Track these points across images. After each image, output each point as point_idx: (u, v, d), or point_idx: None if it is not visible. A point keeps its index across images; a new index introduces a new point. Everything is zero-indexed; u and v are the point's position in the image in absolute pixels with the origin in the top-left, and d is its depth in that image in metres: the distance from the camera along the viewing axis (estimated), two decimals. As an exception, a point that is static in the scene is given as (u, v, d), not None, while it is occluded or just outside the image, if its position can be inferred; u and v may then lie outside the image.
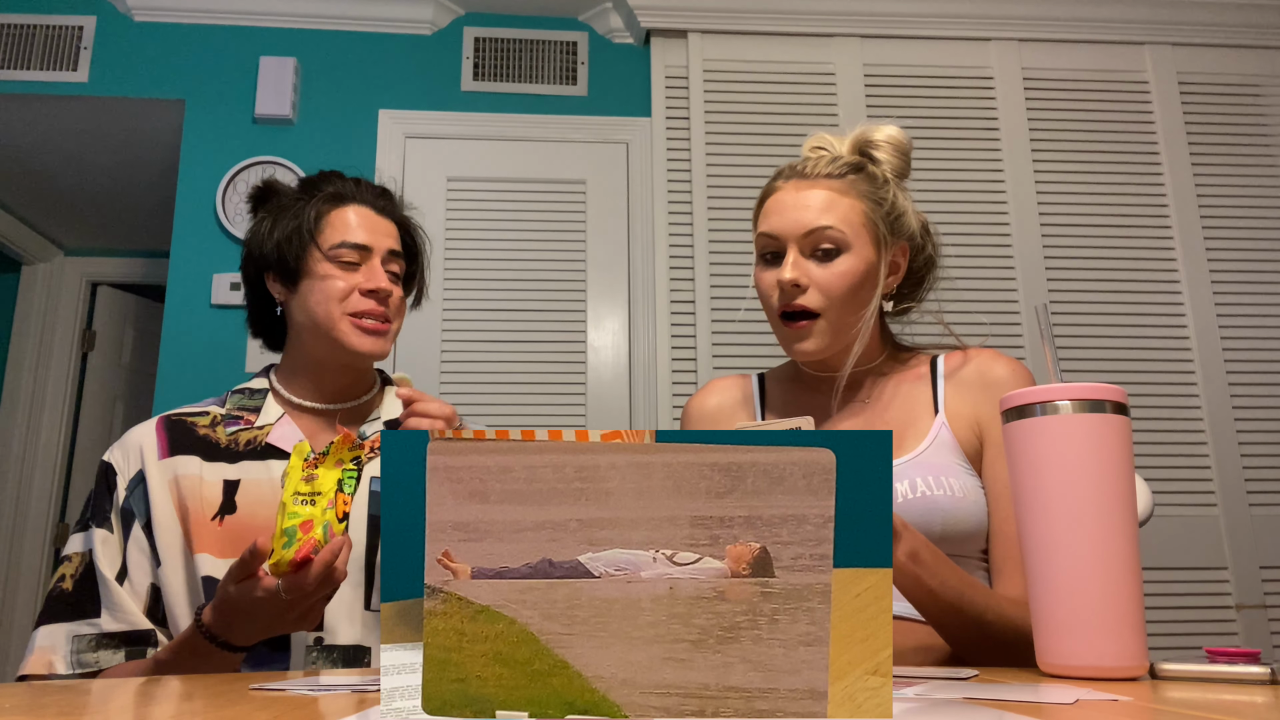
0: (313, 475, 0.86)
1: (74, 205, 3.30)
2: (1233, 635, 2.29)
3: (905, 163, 1.06)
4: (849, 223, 0.99)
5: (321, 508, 0.85)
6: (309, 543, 0.82)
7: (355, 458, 0.90)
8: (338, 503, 0.86)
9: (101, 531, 1.02)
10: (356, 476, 0.90)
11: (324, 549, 0.83)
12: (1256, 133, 2.65)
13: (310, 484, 0.86)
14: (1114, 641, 0.61)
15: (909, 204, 1.06)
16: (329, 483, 0.86)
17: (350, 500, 0.88)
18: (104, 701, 0.54)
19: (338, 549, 0.84)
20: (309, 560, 0.82)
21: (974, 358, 1.06)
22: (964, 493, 0.95)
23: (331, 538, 0.84)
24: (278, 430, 1.07)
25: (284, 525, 0.83)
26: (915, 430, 1.01)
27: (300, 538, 0.82)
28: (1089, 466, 0.63)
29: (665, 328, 2.46)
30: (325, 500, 0.85)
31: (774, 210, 1.02)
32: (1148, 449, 2.40)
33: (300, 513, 0.84)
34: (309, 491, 0.85)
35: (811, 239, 0.99)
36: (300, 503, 0.84)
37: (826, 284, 0.98)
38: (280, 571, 0.82)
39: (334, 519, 0.85)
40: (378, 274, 1.07)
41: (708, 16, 2.62)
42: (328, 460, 0.88)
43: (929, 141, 2.59)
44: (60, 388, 3.50)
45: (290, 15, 2.65)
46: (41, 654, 0.96)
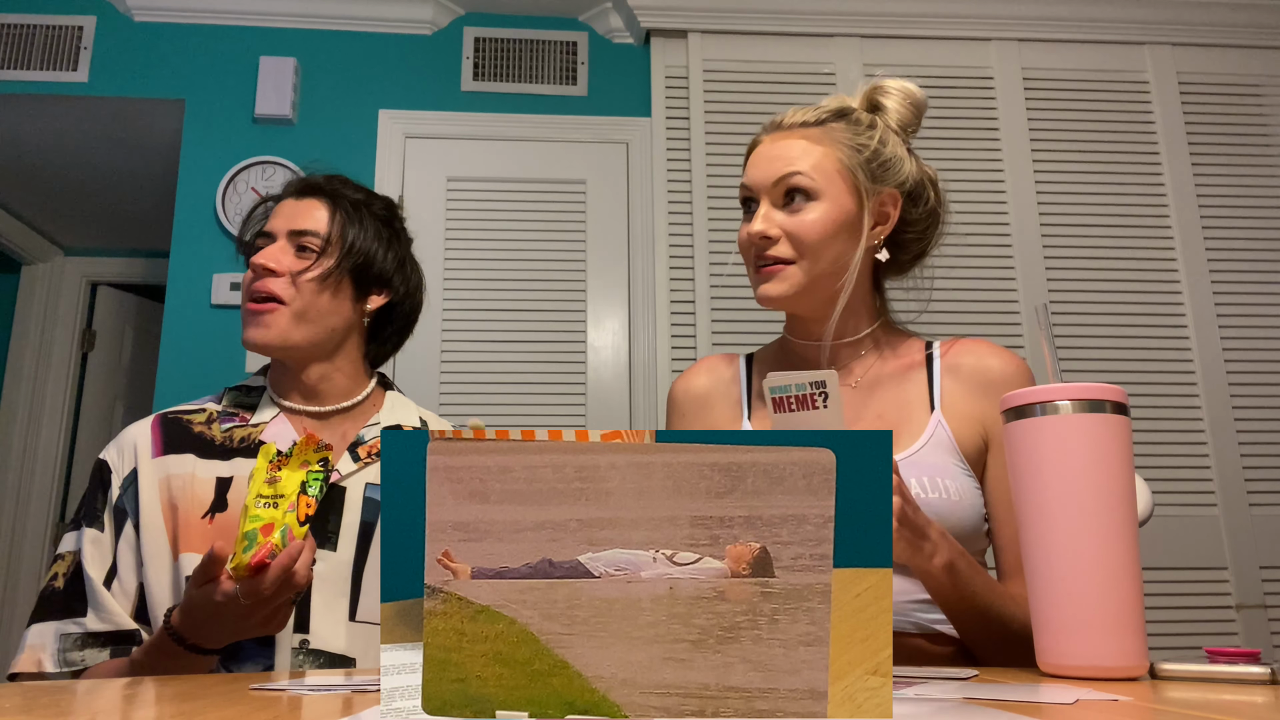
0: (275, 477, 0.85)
1: (74, 205, 3.30)
2: (1233, 635, 2.29)
3: (913, 114, 1.03)
4: (820, 170, 0.96)
5: (283, 510, 0.83)
6: (266, 547, 0.81)
7: (322, 459, 0.89)
8: (299, 505, 0.85)
9: (92, 531, 1.01)
10: (323, 478, 0.89)
11: (281, 553, 0.81)
12: (1256, 133, 2.65)
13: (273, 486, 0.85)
14: (1114, 641, 0.61)
15: (904, 152, 1.02)
16: (292, 485, 0.85)
17: (314, 503, 0.86)
18: (103, 702, 0.54)
19: (296, 553, 0.82)
20: (265, 565, 0.81)
21: (971, 350, 1.01)
22: (960, 495, 0.92)
23: (290, 541, 0.83)
24: (272, 428, 1.07)
25: (245, 528, 0.82)
26: (911, 425, 0.98)
27: (260, 541, 0.81)
28: (1089, 466, 0.63)
29: (665, 328, 2.46)
30: (286, 503, 0.84)
31: (751, 163, 1.01)
32: (1148, 449, 2.40)
33: (262, 515, 0.83)
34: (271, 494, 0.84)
35: (780, 187, 0.97)
36: (262, 505, 0.83)
37: (795, 230, 0.96)
38: (239, 575, 0.81)
39: (294, 522, 0.84)
40: (265, 253, 1.04)
41: (708, 16, 2.62)
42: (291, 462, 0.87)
43: (929, 141, 2.58)
44: (60, 388, 3.50)
45: (290, 15, 2.65)
46: (31, 652, 0.96)
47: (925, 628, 0.91)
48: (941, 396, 0.99)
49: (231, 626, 0.85)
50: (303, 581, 0.84)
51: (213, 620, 0.84)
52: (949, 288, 2.45)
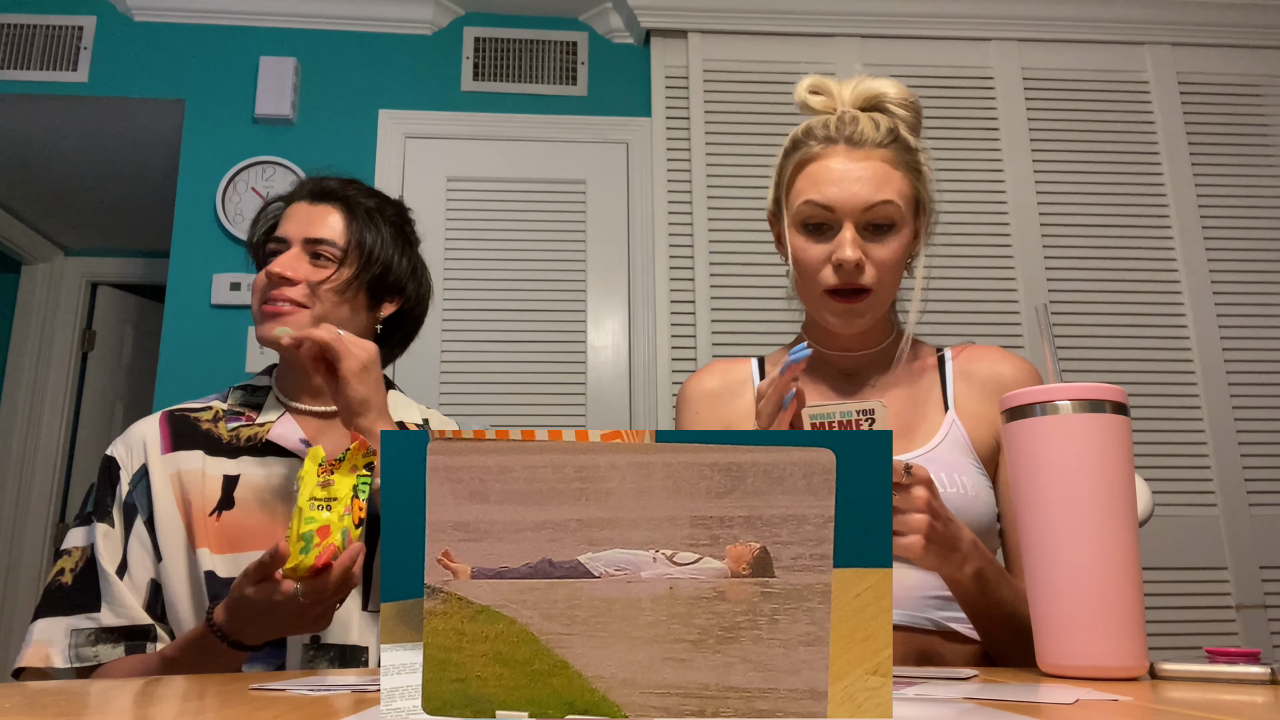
0: (329, 481, 0.87)
1: (74, 205, 3.30)
2: (1233, 635, 2.29)
3: (919, 119, 1.02)
4: (904, 197, 0.95)
5: (338, 513, 0.85)
6: (329, 549, 0.83)
7: (369, 464, 0.90)
8: (353, 509, 0.87)
9: (103, 526, 1.01)
10: (370, 483, 0.90)
11: (343, 554, 0.84)
12: (1256, 133, 2.65)
13: (326, 489, 0.86)
14: (1114, 641, 0.61)
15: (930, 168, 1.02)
16: (345, 488, 0.87)
17: (364, 506, 0.88)
18: (105, 701, 0.54)
19: (355, 554, 0.85)
20: (328, 566, 0.83)
21: (983, 355, 1.04)
22: (976, 491, 0.94)
23: (349, 543, 0.85)
24: (278, 428, 1.07)
25: (300, 530, 0.83)
26: (926, 425, 1.00)
27: (318, 543, 0.83)
28: (1089, 466, 0.63)
29: (665, 328, 2.46)
30: (342, 506, 0.86)
31: (826, 179, 0.94)
32: (1148, 449, 2.40)
33: (317, 518, 0.84)
34: (325, 497, 0.86)
35: (870, 214, 0.93)
36: (316, 507, 0.85)
37: (882, 262, 0.94)
38: (298, 576, 0.83)
39: (351, 525, 0.86)
40: (280, 261, 1.04)
41: (708, 16, 2.62)
42: (343, 466, 0.88)
43: (929, 141, 2.58)
44: (60, 388, 3.50)
45: (290, 15, 2.65)
46: (39, 647, 0.96)
47: (943, 625, 0.92)
48: (955, 398, 1.01)
49: (281, 624, 0.86)
50: (356, 583, 0.87)
51: (264, 618, 0.85)
52: (949, 288, 2.45)
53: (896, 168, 0.95)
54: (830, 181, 0.94)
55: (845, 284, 0.95)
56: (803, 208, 0.96)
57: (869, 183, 0.93)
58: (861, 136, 0.95)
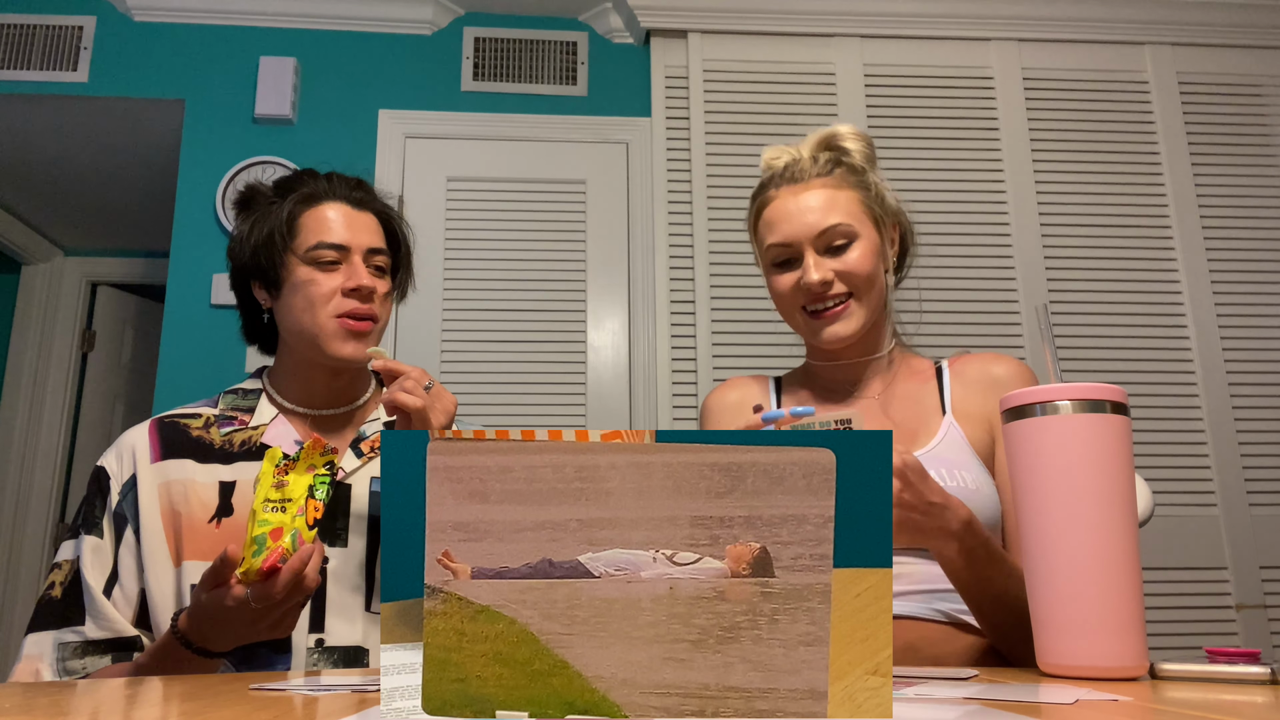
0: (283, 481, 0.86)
1: (74, 205, 3.30)
2: (1233, 635, 2.29)
3: (873, 150, 1.11)
4: (851, 214, 1.03)
5: (291, 515, 0.84)
6: (277, 551, 0.81)
7: (328, 462, 0.89)
8: (308, 509, 0.85)
9: (91, 539, 1.01)
10: (329, 482, 0.89)
11: (292, 557, 0.82)
12: (1256, 133, 2.65)
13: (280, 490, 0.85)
14: (1114, 641, 0.61)
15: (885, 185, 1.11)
16: (299, 489, 0.86)
17: (321, 506, 0.87)
18: (103, 702, 0.54)
19: (306, 557, 0.83)
20: (277, 569, 0.81)
21: (976, 359, 1.09)
22: (978, 485, 0.97)
23: (300, 545, 0.83)
24: (272, 430, 1.07)
25: (254, 533, 0.82)
26: (926, 428, 1.04)
27: (270, 545, 0.82)
28: (1089, 466, 0.63)
29: (665, 328, 2.46)
30: (295, 507, 0.85)
31: (779, 219, 1.05)
32: (1148, 449, 2.40)
33: (270, 520, 0.83)
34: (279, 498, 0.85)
35: (824, 238, 1.02)
36: (270, 509, 0.84)
37: (847, 269, 1.02)
38: (249, 580, 0.81)
39: (304, 526, 0.84)
40: (359, 271, 1.04)
41: (708, 16, 2.62)
42: (298, 466, 0.87)
43: (929, 141, 2.59)
44: (60, 388, 3.50)
45: (290, 15, 2.65)
46: (29, 662, 0.96)
47: (951, 616, 0.93)
48: (952, 402, 1.05)
49: (240, 630, 0.85)
50: (312, 585, 0.84)
51: (221, 624, 0.84)
52: (949, 289, 2.45)
53: (842, 188, 1.04)
54: (783, 219, 1.04)
55: (818, 300, 1.04)
56: (768, 250, 1.07)
57: (816, 210, 1.03)
58: (802, 172, 1.06)
